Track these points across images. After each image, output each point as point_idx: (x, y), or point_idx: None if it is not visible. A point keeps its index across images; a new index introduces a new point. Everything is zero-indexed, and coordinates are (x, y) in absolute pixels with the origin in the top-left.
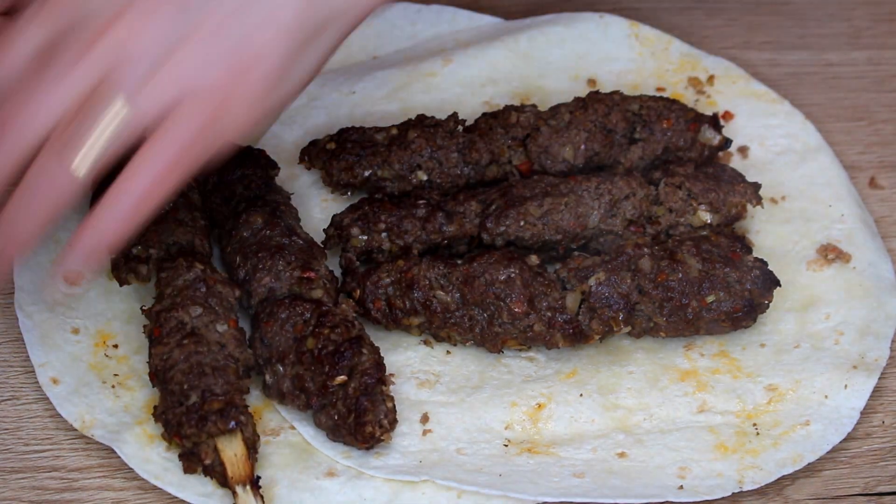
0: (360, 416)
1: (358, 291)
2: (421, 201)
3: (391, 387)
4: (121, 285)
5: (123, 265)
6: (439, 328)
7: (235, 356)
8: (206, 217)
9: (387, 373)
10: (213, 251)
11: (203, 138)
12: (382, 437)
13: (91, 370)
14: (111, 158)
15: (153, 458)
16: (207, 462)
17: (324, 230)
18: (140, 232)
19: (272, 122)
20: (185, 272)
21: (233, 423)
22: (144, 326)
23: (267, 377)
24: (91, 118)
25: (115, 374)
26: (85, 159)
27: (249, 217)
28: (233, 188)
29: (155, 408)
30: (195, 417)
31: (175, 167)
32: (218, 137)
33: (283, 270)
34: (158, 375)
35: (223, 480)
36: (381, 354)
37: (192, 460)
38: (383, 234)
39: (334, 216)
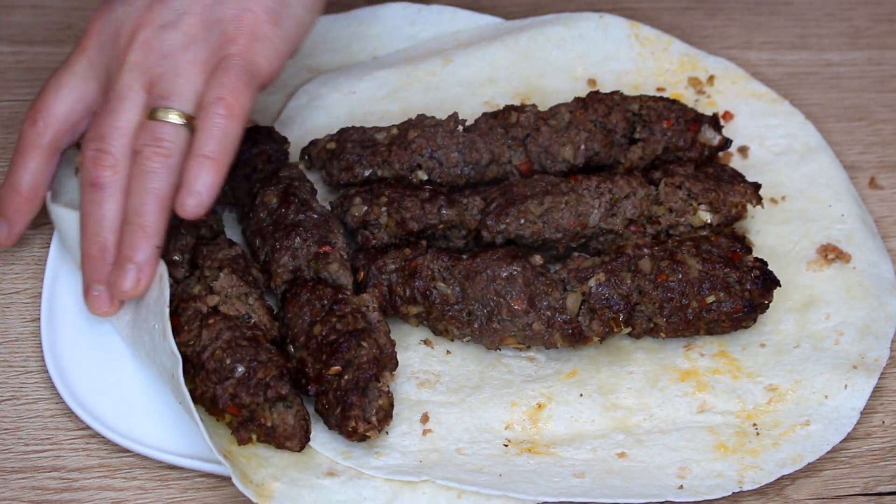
0: (346, 411)
1: (362, 273)
2: (428, 186)
3: (391, 384)
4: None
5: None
6: (437, 320)
7: (263, 324)
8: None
9: (393, 369)
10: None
11: (245, 79)
12: (368, 434)
13: None
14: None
15: None
16: (269, 424)
17: (330, 202)
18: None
19: (290, 57)
20: (227, 248)
21: (288, 387)
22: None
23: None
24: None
25: None
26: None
27: (264, 198)
28: (253, 164)
29: (191, 392)
30: (250, 386)
31: (234, 115)
32: (256, 74)
33: (300, 248)
34: (190, 360)
35: (280, 442)
36: (395, 350)
37: (248, 429)
38: (383, 209)
39: (343, 188)
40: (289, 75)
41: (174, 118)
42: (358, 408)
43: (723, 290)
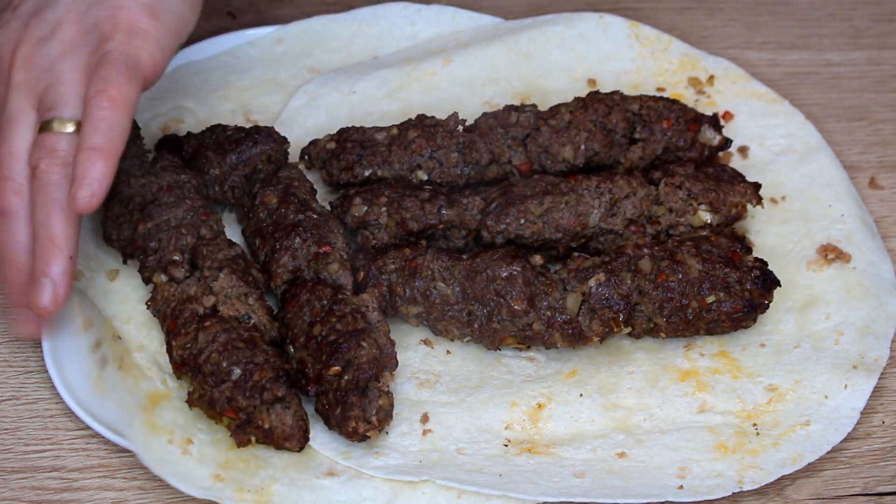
0: (346, 411)
1: (362, 273)
2: (427, 186)
3: (391, 384)
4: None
5: (160, 269)
6: (437, 320)
7: (263, 325)
8: (207, 198)
9: (393, 369)
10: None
11: (126, 72)
12: (368, 434)
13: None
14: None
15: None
16: (267, 426)
17: (330, 203)
18: (173, 236)
19: (175, 51)
20: (227, 248)
21: (285, 389)
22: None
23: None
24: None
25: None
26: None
27: (264, 198)
28: (253, 164)
29: (189, 394)
30: (247, 388)
31: (117, 105)
32: (136, 67)
33: (300, 248)
34: (188, 363)
35: (279, 443)
36: (395, 350)
37: (246, 431)
38: (383, 209)
39: (343, 188)
40: (289, 75)
41: (64, 127)
42: (358, 408)
43: (723, 290)
